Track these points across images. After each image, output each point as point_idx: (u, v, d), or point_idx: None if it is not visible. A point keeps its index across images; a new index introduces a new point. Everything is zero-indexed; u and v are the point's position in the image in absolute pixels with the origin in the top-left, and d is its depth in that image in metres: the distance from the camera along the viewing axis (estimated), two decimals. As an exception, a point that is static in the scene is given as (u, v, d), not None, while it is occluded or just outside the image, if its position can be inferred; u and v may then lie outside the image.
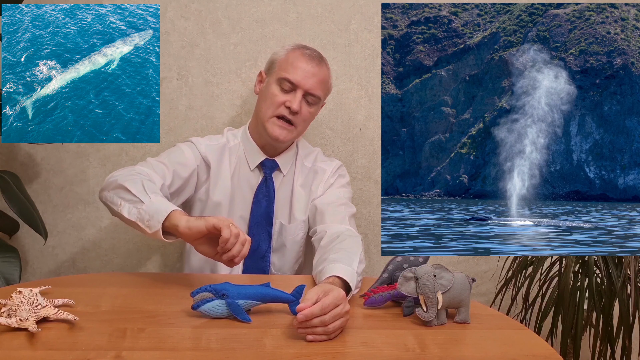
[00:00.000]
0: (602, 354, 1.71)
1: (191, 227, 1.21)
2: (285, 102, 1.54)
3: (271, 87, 1.56)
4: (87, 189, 1.91)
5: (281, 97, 1.54)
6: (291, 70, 1.54)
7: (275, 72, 1.57)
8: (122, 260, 1.96)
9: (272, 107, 1.55)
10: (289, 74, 1.53)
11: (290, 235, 1.62)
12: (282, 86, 1.54)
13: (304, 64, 1.55)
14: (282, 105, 1.54)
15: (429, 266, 1.14)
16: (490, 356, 1.02)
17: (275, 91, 1.55)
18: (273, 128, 1.55)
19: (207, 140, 1.62)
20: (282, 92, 1.54)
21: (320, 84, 1.56)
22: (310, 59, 1.56)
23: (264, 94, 1.58)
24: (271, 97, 1.55)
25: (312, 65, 1.55)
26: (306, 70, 1.54)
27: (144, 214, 1.27)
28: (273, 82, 1.56)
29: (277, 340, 1.03)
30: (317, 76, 1.55)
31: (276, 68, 1.57)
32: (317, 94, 1.56)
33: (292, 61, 1.55)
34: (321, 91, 1.58)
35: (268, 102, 1.55)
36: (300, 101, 1.54)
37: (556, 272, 1.79)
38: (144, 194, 1.30)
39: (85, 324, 1.06)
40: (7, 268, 1.59)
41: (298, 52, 1.57)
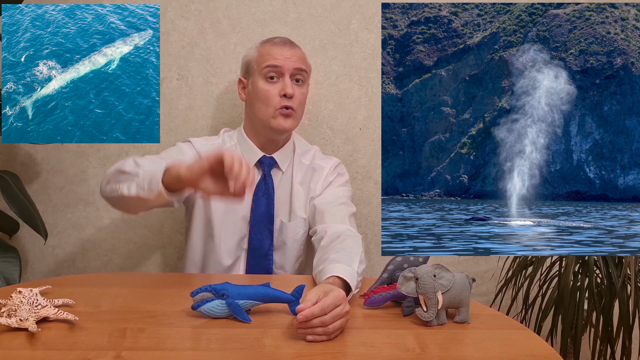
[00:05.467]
0: (602, 354, 1.71)
1: (192, 168, 1.19)
2: (279, 92, 1.55)
3: (258, 84, 1.57)
4: (87, 189, 1.91)
5: (273, 89, 1.55)
6: (270, 58, 1.56)
7: (255, 69, 1.58)
8: (122, 260, 1.96)
9: (270, 104, 1.55)
10: (270, 61, 1.56)
11: (290, 233, 1.62)
12: (268, 76, 1.56)
13: (278, 49, 1.58)
14: (277, 96, 1.55)
15: (429, 266, 1.14)
16: (490, 356, 1.02)
17: (264, 86, 1.56)
18: (279, 122, 1.56)
19: (203, 141, 1.63)
20: (270, 83, 1.56)
21: (301, 60, 1.60)
22: (282, 44, 1.59)
23: (253, 96, 1.58)
24: (264, 94, 1.56)
25: (286, 49, 1.58)
26: (283, 53, 1.57)
27: (142, 183, 1.26)
28: (258, 79, 1.57)
29: (277, 340, 1.03)
30: (295, 55, 1.59)
31: (254, 66, 1.59)
32: (302, 67, 1.59)
33: (267, 52, 1.58)
34: (305, 66, 1.61)
35: (263, 100, 1.56)
36: (292, 84, 1.56)
37: (556, 272, 1.79)
38: (136, 167, 1.29)
39: (85, 324, 1.06)
40: (7, 268, 1.59)
41: (268, 43, 1.60)
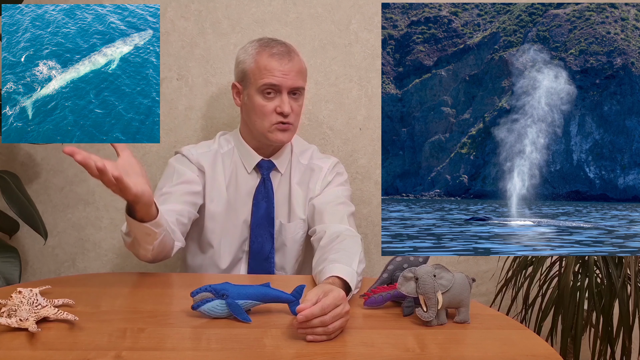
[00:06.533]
0: (602, 354, 1.71)
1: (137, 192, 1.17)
2: (276, 109, 1.53)
3: (255, 99, 1.54)
4: (87, 189, 1.91)
5: (269, 105, 1.53)
6: (267, 75, 1.52)
7: (252, 83, 1.54)
8: (122, 260, 1.96)
9: (266, 119, 1.54)
10: (267, 79, 1.51)
11: (290, 234, 1.62)
12: (265, 93, 1.53)
13: (276, 63, 1.52)
14: (273, 113, 1.53)
15: (429, 266, 1.14)
16: (490, 356, 1.02)
17: (261, 102, 1.53)
18: (275, 135, 1.55)
19: (198, 149, 1.61)
20: (267, 100, 1.53)
21: (298, 75, 1.55)
22: (280, 57, 1.53)
23: (249, 107, 1.56)
24: (261, 110, 1.53)
25: (284, 63, 1.53)
26: (281, 69, 1.52)
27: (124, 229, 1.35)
28: (254, 93, 1.54)
29: (277, 340, 1.03)
30: (293, 70, 1.54)
31: (251, 78, 1.55)
32: (300, 85, 1.55)
33: (264, 66, 1.52)
34: (302, 81, 1.57)
35: (260, 115, 1.54)
36: (289, 99, 1.54)
37: (556, 272, 1.79)
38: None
39: (85, 324, 1.06)
40: (7, 268, 1.59)
41: (265, 54, 1.54)
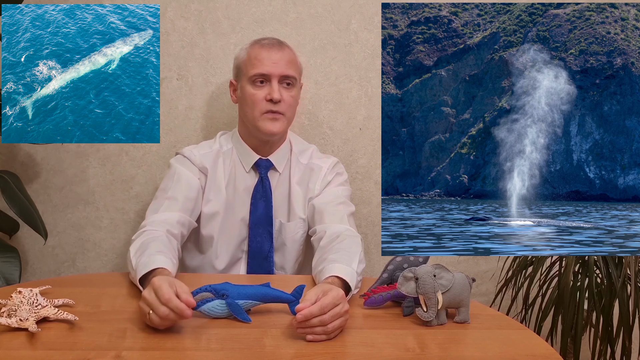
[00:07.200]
0: (602, 354, 1.71)
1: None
2: (266, 96, 1.55)
3: (246, 89, 1.57)
4: (87, 189, 1.91)
5: (259, 93, 1.56)
6: (257, 64, 1.56)
7: (244, 74, 1.58)
8: (122, 260, 1.96)
9: (256, 107, 1.56)
10: (257, 68, 1.55)
11: (289, 234, 1.62)
12: (256, 83, 1.56)
13: (266, 53, 1.56)
14: (263, 101, 1.55)
15: (429, 266, 1.14)
16: (490, 356, 1.02)
17: (251, 91, 1.56)
18: (265, 124, 1.56)
19: (200, 150, 1.62)
20: (257, 88, 1.56)
21: (289, 64, 1.58)
22: (270, 47, 1.58)
23: (243, 99, 1.60)
24: (251, 98, 1.56)
25: (274, 52, 1.57)
26: (270, 58, 1.56)
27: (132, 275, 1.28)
28: (246, 84, 1.57)
29: (277, 340, 1.03)
30: (283, 59, 1.57)
31: (243, 70, 1.59)
32: (290, 74, 1.57)
33: (255, 56, 1.57)
34: (293, 71, 1.59)
35: (250, 104, 1.57)
36: (279, 89, 1.55)
37: (556, 272, 1.79)
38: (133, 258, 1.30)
39: (85, 324, 1.06)
40: (7, 268, 1.59)
41: (256, 46, 1.59)
